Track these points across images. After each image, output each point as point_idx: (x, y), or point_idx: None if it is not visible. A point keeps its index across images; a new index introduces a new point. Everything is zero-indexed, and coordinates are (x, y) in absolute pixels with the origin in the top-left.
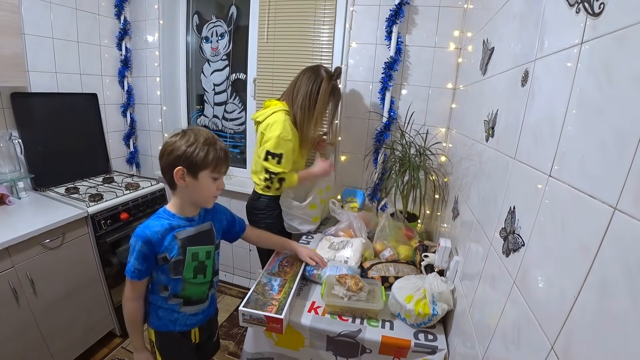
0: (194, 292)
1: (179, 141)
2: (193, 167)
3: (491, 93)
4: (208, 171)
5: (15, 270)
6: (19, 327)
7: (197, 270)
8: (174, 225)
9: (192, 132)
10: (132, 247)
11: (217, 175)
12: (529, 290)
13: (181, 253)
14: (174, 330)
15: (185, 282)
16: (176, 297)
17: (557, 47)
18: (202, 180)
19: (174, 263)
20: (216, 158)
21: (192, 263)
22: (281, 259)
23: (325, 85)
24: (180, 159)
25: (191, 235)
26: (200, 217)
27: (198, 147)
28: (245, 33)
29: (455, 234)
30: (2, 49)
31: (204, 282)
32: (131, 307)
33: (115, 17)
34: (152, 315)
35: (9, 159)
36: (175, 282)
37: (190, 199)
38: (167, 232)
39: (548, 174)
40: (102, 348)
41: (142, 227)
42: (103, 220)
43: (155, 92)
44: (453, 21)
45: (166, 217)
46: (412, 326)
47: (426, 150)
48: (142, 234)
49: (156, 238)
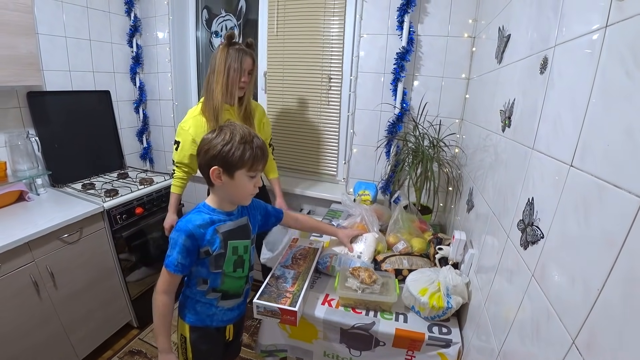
0: (232, 286)
1: (215, 139)
2: (229, 167)
3: (508, 82)
4: (244, 170)
5: (36, 264)
6: (41, 319)
7: (236, 264)
8: (215, 220)
9: (229, 129)
10: (174, 241)
11: (254, 173)
12: (548, 284)
13: (223, 247)
14: (211, 326)
15: (225, 276)
16: (215, 292)
17: (578, 32)
18: (239, 179)
19: (215, 257)
20: (252, 157)
21: (232, 257)
22: (294, 252)
23: (219, 53)
24: (216, 158)
25: (231, 230)
26: (238, 212)
27: (234, 147)
28: (254, 26)
29: (470, 226)
30: (17, 49)
31: (242, 276)
32: (163, 300)
33: (125, 14)
34: (190, 309)
35: (27, 156)
36: (215, 275)
37: (227, 196)
38: (208, 225)
39: (569, 164)
40: (120, 339)
41: (184, 222)
42: (118, 215)
43: (167, 87)
44: (466, 9)
45: (207, 212)
46: (426, 319)
47: (440, 141)
48: (185, 227)
49: (198, 232)
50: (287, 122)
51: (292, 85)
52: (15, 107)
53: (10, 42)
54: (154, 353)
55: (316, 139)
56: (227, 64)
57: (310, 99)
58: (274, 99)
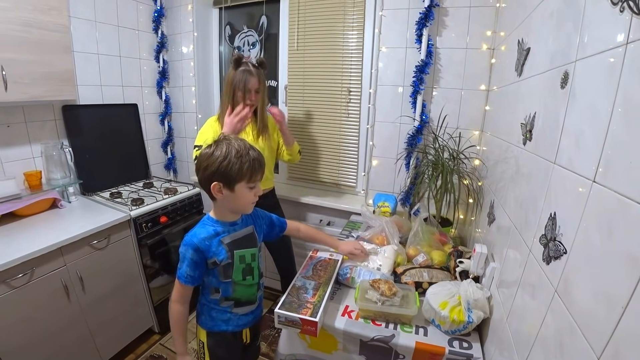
0: (244, 293)
1: (212, 156)
2: (229, 181)
3: (528, 95)
4: (244, 182)
5: (67, 269)
6: (69, 321)
7: (245, 273)
8: (219, 231)
9: (225, 144)
10: (183, 255)
11: (253, 184)
12: (572, 300)
13: (229, 257)
14: (227, 330)
15: (236, 284)
16: (227, 300)
17: (600, 48)
18: (239, 191)
19: (223, 267)
20: (250, 169)
21: (240, 265)
22: (315, 263)
23: (228, 74)
24: (215, 174)
25: (236, 239)
26: (242, 221)
27: (231, 161)
28: (275, 41)
29: (491, 239)
30: (55, 66)
31: (253, 283)
32: (177, 309)
33: (153, 31)
34: (205, 315)
35: (60, 166)
36: (225, 285)
37: (229, 207)
38: (212, 237)
39: (592, 180)
40: (142, 344)
41: (189, 236)
42: (144, 224)
43: (191, 101)
44: (485, 21)
45: (210, 224)
46: (446, 333)
47: (460, 153)
48: (190, 242)
49: (204, 245)
50: (307, 134)
51: (312, 98)
52: (51, 120)
53: (49, 60)
54: (174, 358)
55: (336, 151)
56: (233, 86)
57: (330, 112)
58: (294, 111)
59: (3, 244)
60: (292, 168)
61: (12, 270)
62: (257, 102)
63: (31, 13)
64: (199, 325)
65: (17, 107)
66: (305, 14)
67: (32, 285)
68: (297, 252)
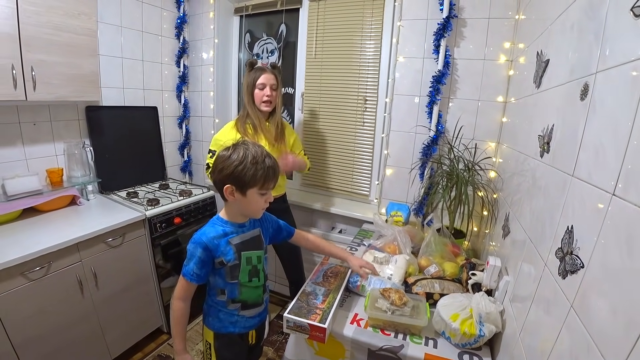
0: (250, 295)
1: (228, 159)
2: (242, 186)
3: (546, 107)
4: (256, 189)
5: (82, 265)
6: (82, 316)
7: (251, 274)
8: (227, 232)
9: (242, 148)
10: (191, 253)
11: (265, 191)
12: (589, 316)
13: (237, 258)
14: (234, 332)
15: (242, 286)
16: (234, 302)
17: (621, 60)
18: (250, 196)
19: (230, 267)
20: (263, 177)
21: (246, 267)
22: (325, 270)
23: (244, 77)
24: (229, 177)
25: (244, 241)
26: (250, 224)
27: (246, 167)
28: (294, 49)
29: (506, 252)
30: (82, 68)
31: (259, 285)
32: (179, 306)
33: (175, 37)
34: (213, 317)
35: (81, 164)
36: (232, 286)
37: (240, 210)
38: (221, 237)
39: (611, 193)
40: (150, 343)
41: (198, 234)
42: (159, 224)
43: (209, 105)
44: (503, 32)
45: (220, 224)
46: (456, 346)
47: (475, 165)
48: (199, 240)
49: (212, 244)
50: (322, 141)
51: (328, 106)
52: (74, 120)
53: (76, 63)
54: None
55: (350, 158)
56: (248, 83)
57: (346, 120)
58: (310, 118)
59: (23, 237)
60: (306, 175)
61: (30, 263)
62: (274, 101)
63: (62, 17)
64: (206, 326)
65: (43, 106)
66: (324, 23)
67: (48, 279)
68: (308, 259)
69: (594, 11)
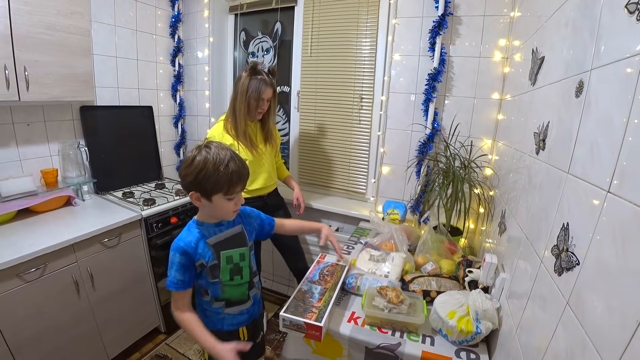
0: (233, 293)
1: (190, 166)
2: (205, 192)
3: (542, 104)
4: (221, 194)
5: (78, 265)
6: (79, 317)
7: (232, 273)
8: (204, 233)
9: (204, 152)
10: (171, 260)
11: (231, 196)
12: (584, 313)
13: (215, 258)
14: (222, 329)
15: (223, 285)
16: (217, 301)
17: (616, 57)
18: (217, 201)
19: (210, 268)
20: (227, 182)
21: (227, 266)
22: (322, 268)
23: (243, 81)
24: (192, 184)
25: (222, 240)
26: (229, 222)
27: (208, 173)
28: (289, 48)
29: (502, 250)
30: (75, 67)
31: (242, 283)
32: (181, 317)
33: (170, 36)
34: (201, 315)
35: (76, 164)
36: (214, 285)
37: (210, 214)
38: (198, 240)
39: (606, 190)
40: (148, 343)
41: (176, 241)
42: (155, 223)
43: (204, 104)
44: (499, 30)
45: (195, 227)
46: (453, 343)
47: (471, 162)
48: (177, 246)
49: (190, 247)
50: (318, 139)
51: (324, 105)
52: (69, 120)
53: (70, 62)
54: (179, 358)
55: (346, 157)
56: (248, 94)
57: (342, 118)
58: (306, 117)
59: (18, 238)
60: (303, 173)
61: (25, 264)
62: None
63: (54, 16)
64: None
65: (37, 106)
66: (320, 21)
67: (44, 280)
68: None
69: (589, 8)
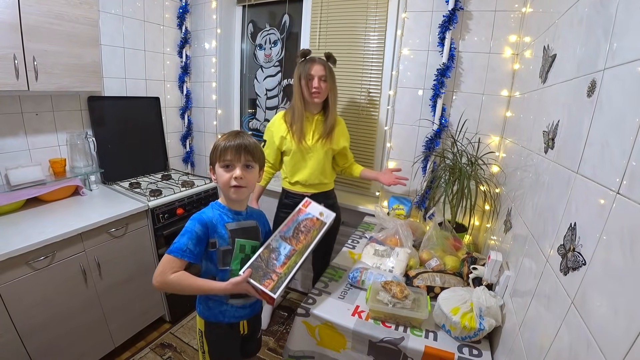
0: None
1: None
2: (212, 163)
3: (552, 102)
4: (219, 163)
5: (85, 254)
6: (86, 305)
7: (243, 263)
8: (224, 216)
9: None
10: (188, 228)
11: (223, 163)
12: (589, 313)
13: (230, 243)
14: (223, 322)
15: (232, 274)
16: None
17: (630, 57)
18: (218, 172)
19: (222, 252)
20: (223, 148)
21: (239, 255)
22: (300, 221)
23: (296, 68)
24: (210, 159)
25: (239, 228)
26: (247, 214)
27: (215, 146)
28: (297, 40)
29: (507, 247)
30: (84, 58)
31: None
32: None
33: (177, 27)
34: (203, 305)
35: (84, 154)
36: (223, 273)
37: (222, 192)
38: (218, 220)
39: (616, 191)
40: (153, 332)
41: (198, 213)
42: (161, 214)
43: (211, 96)
44: (510, 26)
45: (217, 208)
46: (456, 339)
47: (478, 159)
48: (199, 217)
49: (211, 223)
50: None
51: None
52: (77, 110)
53: (78, 52)
54: (184, 347)
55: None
56: (298, 76)
57: (349, 112)
58: None
59: (27, 227)
60: None
61: (34, 252)
62: (323, 92)
63: (63, 6)
64: (198, 314)
65: (45, 96)
66: (328, 14)
67: (53, 268)
68: None
69: (604, 5)
